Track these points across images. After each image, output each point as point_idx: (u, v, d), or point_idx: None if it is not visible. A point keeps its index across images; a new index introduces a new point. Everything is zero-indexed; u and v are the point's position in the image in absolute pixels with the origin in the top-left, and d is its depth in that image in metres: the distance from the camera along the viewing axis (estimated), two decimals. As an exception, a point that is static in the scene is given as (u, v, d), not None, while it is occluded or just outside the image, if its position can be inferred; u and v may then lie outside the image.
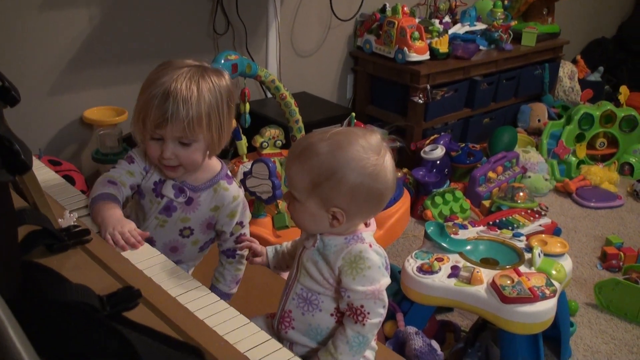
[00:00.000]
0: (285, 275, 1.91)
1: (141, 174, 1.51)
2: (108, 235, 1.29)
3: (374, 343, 1.40)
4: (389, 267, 1.30)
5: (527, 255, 2.10)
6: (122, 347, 0.59)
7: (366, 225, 1.31)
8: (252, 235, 1.80)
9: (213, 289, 1.58)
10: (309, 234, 1.31)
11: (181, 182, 1.50)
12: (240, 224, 1.59)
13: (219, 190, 1.53)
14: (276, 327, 1.36)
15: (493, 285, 1.93)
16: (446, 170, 3.33)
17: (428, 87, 3.45)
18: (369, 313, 1.24)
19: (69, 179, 2.35)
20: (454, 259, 2.10)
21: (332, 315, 1.30)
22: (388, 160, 1.24)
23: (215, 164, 1.54)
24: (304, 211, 1.25)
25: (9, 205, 0.77)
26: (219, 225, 1.58)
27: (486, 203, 3.26)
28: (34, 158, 1.72)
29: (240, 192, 1.58)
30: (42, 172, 1.61)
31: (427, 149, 3.31)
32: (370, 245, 1.26)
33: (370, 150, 1.22)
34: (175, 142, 1.40)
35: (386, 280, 1.26)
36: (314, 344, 1.33)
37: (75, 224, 1.19)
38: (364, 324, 1.24)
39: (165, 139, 1.40)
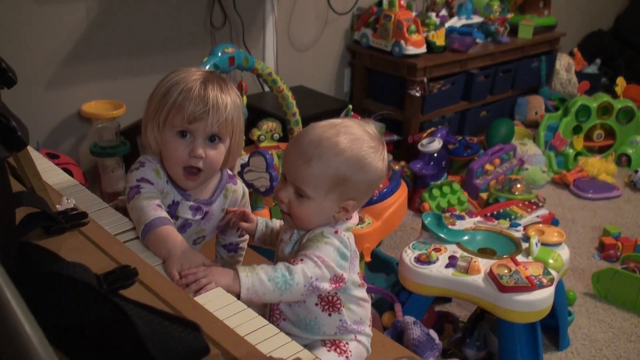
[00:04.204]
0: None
1: (162, 193, 1.43)
2: (175, 273, 1.17)
3: (368, 329, 1.41)
4: (348, 260, 1.27)
5: (525, 245, 2.10)
6: (118, 318, 0.59)
7: (348, 218, 1.32)
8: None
9: None
10: (303, 229, 1.31)
11: (195, 200, 1.47)
12: None
13: (229, 194, 1.53)
14: (268, 320, 1.37)
15: (490, 274, 1.93)
16: (443, 162, 3.33)
17: (425, 80, 3.45)
18: (302, 261, 1.22)
19: (67, 172, 2.34)
20: (451, 249, 2.10)
21: (316, 305, 1.31)
22: (385, 147, 1.29)
23: (217, 173, 1.53)
24: (314, 207, 1.25)
25: (5, 182, 0.77)
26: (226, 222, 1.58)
27: (484, 195, 3.26)
28: (33, 149, 1.73)
29: (245, 187, 1.59)
30: (40, 164, 1.61)
31: (424, 141, 3.31)
32: (337, 232, 1.27)
33: (377, 139, 1.26)
34: (205, 140, 1.38)
35: (339, 263, 1.24)
36: (307, 334, 1.33)
37: (73, 207, 1.20)
38: (295, 265, 1.21)
39: (195, 137, 1.36)
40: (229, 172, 1.55)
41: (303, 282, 1.20)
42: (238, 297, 1.15)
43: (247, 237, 1.65)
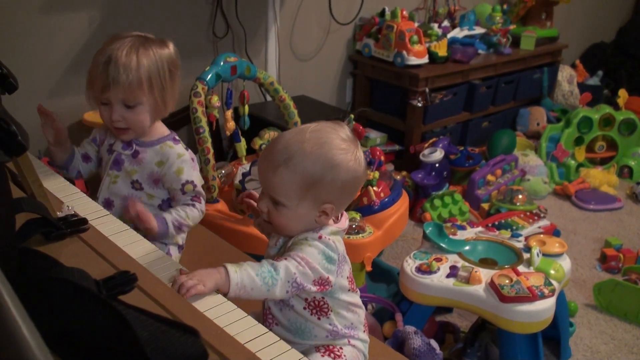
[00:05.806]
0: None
1: (94, 146, 1.75)
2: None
3: (365, 335, 1.40)
4: (335, 264, 1.27)
5: (526, 255, 2.10)
6: (116, 322, 0.59)
7: (336, 220, 1.33)
8: (250, 235, 1.82)
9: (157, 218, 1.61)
10: (286, 235, 1.31)
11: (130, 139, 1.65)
12: (192, 183, 1.66)
13: (165, 147, 1.66)
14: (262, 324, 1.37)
15: (492, 284, 1.93)
16: (445, 173, 3.33)
17: (427, 90, 3.46)
18: (285, 259, 1.22)
19: (69, 181, 2.34)
20: (452, 259, 2.10)
21: (304, 308, 1.31)
22: (360, 148, 1.30)
23: (163, 130, 1.68)
24: (293, 215, 1.26)
25: (5, 187, 0.77)
26: (168, 183, 1.66)
27: (485, 206, 3.26)
28: (34, 158, 1.74)
29: (187, 153, 1.67)
30: (42, 172, 1.61)
31: (426, 152, 3.31)
32: (320, 237, 1.27)
33: (349, 142, 1.27)
34: (121, 105, 1.54)
35: (324, 266, 1.24)
36: (299, 339, 1.33)
37: (73, 213, 1.20)
38: (278, 261, 1.22)
39: (111, 103, 1.54)
40: (176, 137, 1.69)
41: (285, 277, 1.20)
42: (225, 294, 1.16)
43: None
